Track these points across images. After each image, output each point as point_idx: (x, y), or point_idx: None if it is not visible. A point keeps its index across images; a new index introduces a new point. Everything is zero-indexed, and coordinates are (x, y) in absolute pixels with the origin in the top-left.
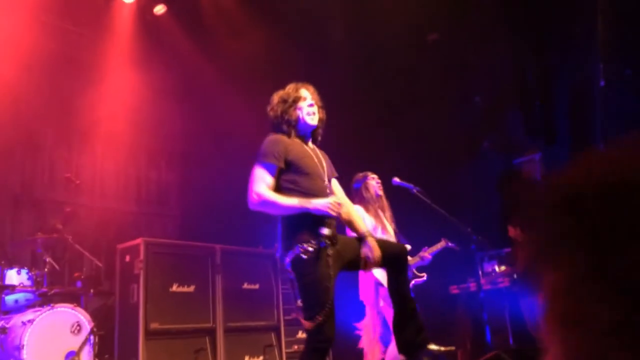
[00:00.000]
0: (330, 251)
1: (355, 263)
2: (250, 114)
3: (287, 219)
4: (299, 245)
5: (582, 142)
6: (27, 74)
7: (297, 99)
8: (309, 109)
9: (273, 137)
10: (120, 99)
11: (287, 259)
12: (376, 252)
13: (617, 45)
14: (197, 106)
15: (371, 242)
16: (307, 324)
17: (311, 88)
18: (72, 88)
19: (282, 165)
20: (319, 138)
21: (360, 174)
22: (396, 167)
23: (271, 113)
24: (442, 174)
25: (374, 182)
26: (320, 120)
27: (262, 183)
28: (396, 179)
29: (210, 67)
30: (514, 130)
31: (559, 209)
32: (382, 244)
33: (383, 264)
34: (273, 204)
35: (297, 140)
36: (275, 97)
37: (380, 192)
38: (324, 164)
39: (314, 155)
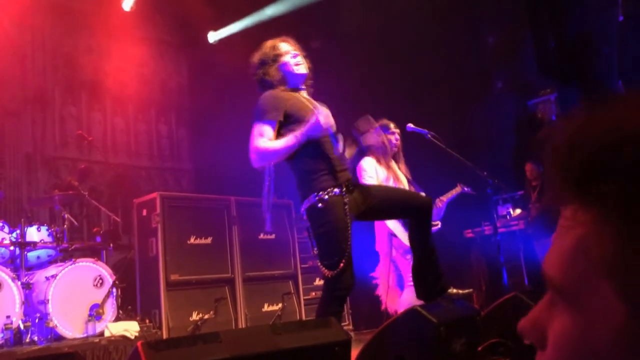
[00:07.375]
0: (346, 199)
1: (374, 211)
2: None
3: (301, 168)
4: (315, 193)
5: (598, 81)
6: (29, 31)
7: (277, 57)
8: (294, 60)
9: (268, 93)
10: (125, 53)
11: (303, 208)
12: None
13: None
14: (202, 59)
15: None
16: (325, 272)
17: (290, 40)
18: (76, 44)
19: (281, 118)
20: (311, 90)
21: (385, 121)
22: (408, 112)
23: (255, 77)
24: (454, 117)
25: (393, 138)
26: (308, 69)
27: (262, 138)
28: (410, 125)
29: (215, 16)
30: (528, 70)
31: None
32: (407, 194)
33: (407, 214)
34: (272, 152)
35: (292, 93)
36: (255, 60)
37: (396, 149)
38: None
39: (311, 105)
